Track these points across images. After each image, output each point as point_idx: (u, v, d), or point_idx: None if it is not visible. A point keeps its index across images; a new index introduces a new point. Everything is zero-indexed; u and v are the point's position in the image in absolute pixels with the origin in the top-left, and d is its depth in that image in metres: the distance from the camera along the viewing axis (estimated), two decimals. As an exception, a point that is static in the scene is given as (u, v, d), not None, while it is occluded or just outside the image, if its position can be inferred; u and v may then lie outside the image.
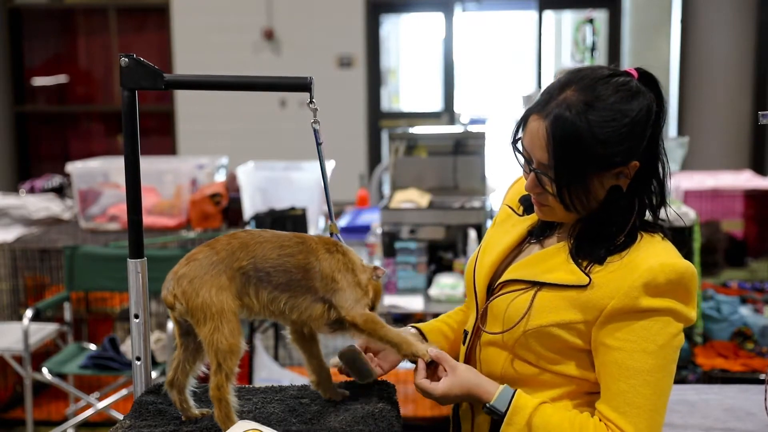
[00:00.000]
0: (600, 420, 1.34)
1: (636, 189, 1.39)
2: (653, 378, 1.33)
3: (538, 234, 1.49)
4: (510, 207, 1.58)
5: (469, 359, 1.50)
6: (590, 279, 1.34)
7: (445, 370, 1.41)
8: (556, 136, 1.33)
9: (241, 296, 1.37)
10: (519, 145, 1.41)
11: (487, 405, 1.38)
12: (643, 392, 1.32)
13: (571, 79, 1.36)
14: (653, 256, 1.33)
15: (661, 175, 1.40)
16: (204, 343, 1.35)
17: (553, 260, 1.40)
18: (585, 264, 1.37)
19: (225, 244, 1.39)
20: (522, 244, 1.51)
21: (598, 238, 1.38)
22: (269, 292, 1.39)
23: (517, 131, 1.41)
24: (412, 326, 1.62)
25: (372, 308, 1.45)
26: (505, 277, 1.45)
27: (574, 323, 1.35)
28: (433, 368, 1.43)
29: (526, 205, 1.53)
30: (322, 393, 1.53)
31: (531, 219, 1.52)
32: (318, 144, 1.51)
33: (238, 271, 1.37)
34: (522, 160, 1.41)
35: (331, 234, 1.51)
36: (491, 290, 1.48)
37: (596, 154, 1.32)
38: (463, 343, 1.54)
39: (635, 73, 1.38)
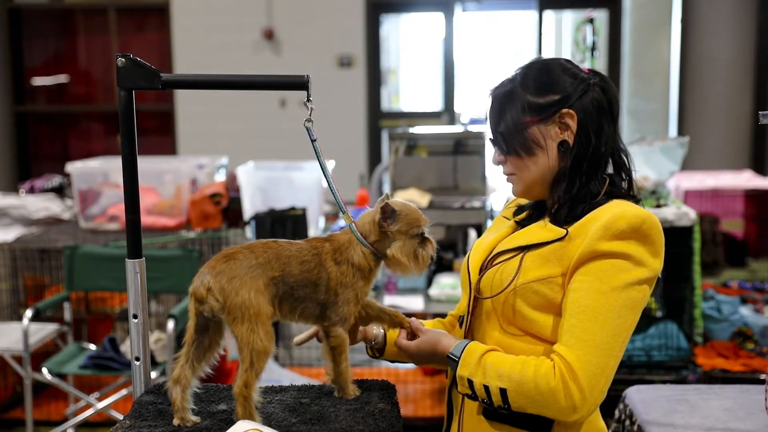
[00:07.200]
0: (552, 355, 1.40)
1: (595, 161, 1.49)
2: (602, 317, 1.37)
3: (525, 223, 1.56)
4: (505, 217, 1.66)
5: (468, 336, 1.56)
6: (567, 231, 1.43)
7: (417, 337, 1.57)
8: (495, 97, 1.54)
9: (272, 303, 1.43)
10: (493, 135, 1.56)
11: (447, 355, 1.48)
12: (590, 328, 1.37)
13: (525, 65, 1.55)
14: (618, 207, 1.43)
15: (627, 168, 1.53)
16: (239, 340, 1.39)
17: (534, 228, 1.51)
18: (564, 224, 1.46)
19: (262, 251, 1.44)
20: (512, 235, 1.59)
21: (571, 202, 1.47)
22: (290, 304, 1.47)
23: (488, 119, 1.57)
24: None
25: (423, 236, 1.53)
26: (495, 252, 1.54)
27: (553, 277, 1.43)
28: (412, 336, 1.59)
29: (519, 211, 1.62)
30: (336, 392, 1.56)
31: (520, 217, 1.60)
32: (312, 141, 1.53)
33: (272, 280, 1.43)
34: (491, 143, 1.56)
35: (348, 225, 1.54)
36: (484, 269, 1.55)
37: (526, 102, 1.48)
38: (460, 326, 1.60)
39: (586, 69, 1.53)
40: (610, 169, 1.53)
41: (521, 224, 1.58)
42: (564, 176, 1.49)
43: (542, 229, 1.48)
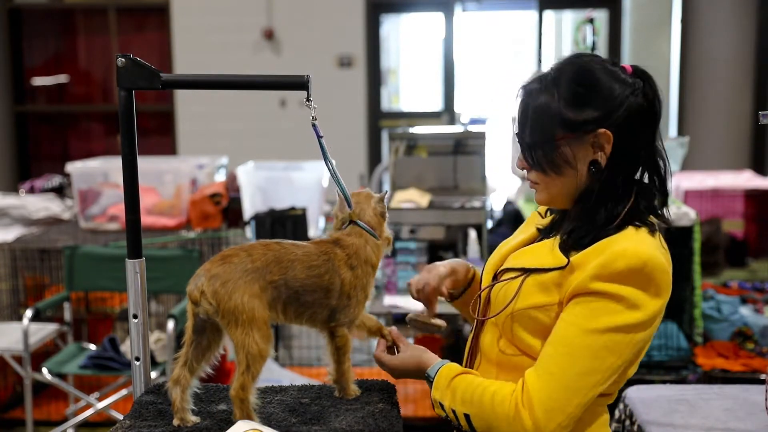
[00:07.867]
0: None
1: (628, 179, 1.40)
2: (577, 354, 1.32)
3: (546, 233, 1.53)
4: (538, 213, 1.62)
5: (474, 346, 1.55)
6: (569, 260, 1.36)
7: (399, 348, 1.56)
8: (525, 98, 1.42)
9: (270, 307, 1.41)
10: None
11: (424, 374, 1.48)
12: (562, 362, 1.32)
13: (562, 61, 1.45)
14: (622, 242, 1.34)
15: (662, 172, 1.42)
16: (235, 343, 1.38)
17: (543, 249, 1.45)
18: (571, 252, 1.39)
19: (261, 254, 1.42)
20: (531, 243, 1.55)
21: (587, 227, 1.39)
22: (295, 309, 1.46)
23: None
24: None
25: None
26: (503, 267, 1.51)
27: (550, 305, 1.38)
28: (392, 347, 1.58)
29: (550, 212, 1.58)
30: (337, 392, 1.57)
31: (544, 222, 1.56)
32: (319, 137, 1.51)
33: (271, 284, 1.41)
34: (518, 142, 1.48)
35: (351, 221, 1.55)
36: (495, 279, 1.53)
37: (560, 115, 1.37)
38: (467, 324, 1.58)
39: (629, 68, 1.41)
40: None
41: (542, 231, 1.54)
42: (589, 199, 1.39)
43: (549, 253, 1.41)
